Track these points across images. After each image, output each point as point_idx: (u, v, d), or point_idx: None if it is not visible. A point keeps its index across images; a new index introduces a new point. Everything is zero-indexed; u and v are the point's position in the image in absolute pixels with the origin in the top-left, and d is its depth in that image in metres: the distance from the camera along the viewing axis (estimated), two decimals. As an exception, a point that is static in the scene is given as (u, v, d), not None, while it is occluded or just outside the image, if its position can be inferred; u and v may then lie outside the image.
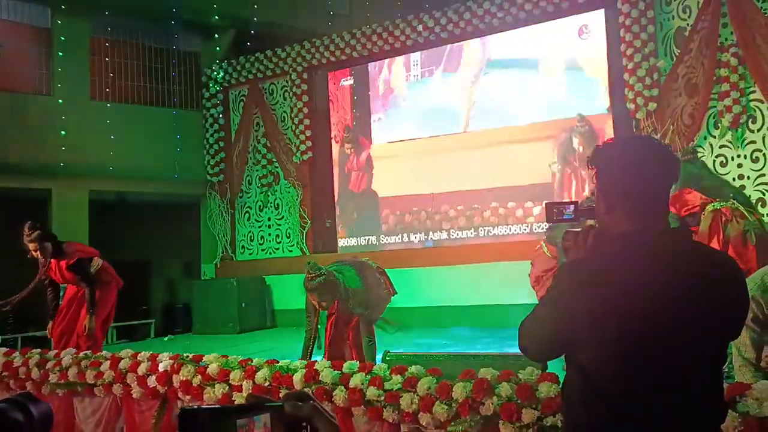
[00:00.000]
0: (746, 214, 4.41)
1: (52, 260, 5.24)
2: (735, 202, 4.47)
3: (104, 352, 4.01)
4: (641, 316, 1.43)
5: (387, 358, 3.15)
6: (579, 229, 1.72)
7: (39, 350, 4.28)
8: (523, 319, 1.64)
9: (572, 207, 1.84)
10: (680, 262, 1.49)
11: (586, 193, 7.39)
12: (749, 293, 1.86)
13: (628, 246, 1.52)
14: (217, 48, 10.79)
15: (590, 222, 1.77)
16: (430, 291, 8.31)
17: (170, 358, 3.61)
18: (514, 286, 7.84)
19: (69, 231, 9.37)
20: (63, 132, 9.16)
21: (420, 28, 8.93)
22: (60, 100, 9.30)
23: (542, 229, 8.09)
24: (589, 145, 7.74)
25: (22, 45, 9.19)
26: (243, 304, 9.27)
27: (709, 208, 4.45)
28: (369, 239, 9.42)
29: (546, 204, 1.87)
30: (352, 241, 9.62)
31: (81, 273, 5.22)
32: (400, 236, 9.17)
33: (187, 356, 3.60)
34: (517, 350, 1.73)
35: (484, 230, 8.57)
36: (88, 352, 4.18)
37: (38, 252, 5.16)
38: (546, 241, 5.06)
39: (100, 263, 5.40)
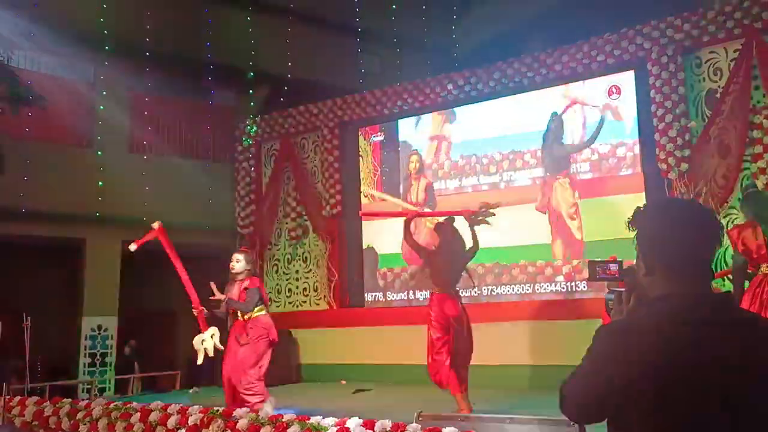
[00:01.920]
0: None
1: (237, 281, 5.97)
2: None
3: (134, 404, 4.02)
4: (679, 383, 1.41)
5: (420, 419, 3.10)
6: (622, 289, 1.72)
7: (69, 400, 4.31)
8: (565, 378, 1.62)
9: (615, 266, 1.84)
10: (721, 329, 1.46)
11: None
12: None
13: (668, 309, 1.50)
14: (252, 103, 11.08)
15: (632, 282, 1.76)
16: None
17: (200, 412, 3.61)
18: (543, 347, 7.72)
19: (101, 278, 9.56)
20: (100, 183, 9.40)
21: (450, 86, 9.09)
22: (99, 152, 9.59)
23: (576, 287, 8.03)
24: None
25: (65, 99, 9.54)
26: (269, 357, 9.19)
27: (763, 269, 4.19)
28: (398, 295, 9.38)
29: (589, 262, 1.88)
30: (380, 296, 9.59)
31: (250, 296, 5.85)
32: (428, 293, 9.10)
33: (217, 410, 3.60)
34: (552, 414, 1.70)
35: (513, 288, 8.49)
36: (119, 402, 4.19)
37: (237, 263, 6.02)
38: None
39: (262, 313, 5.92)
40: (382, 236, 9.56)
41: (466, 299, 8.71)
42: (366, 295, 9.73)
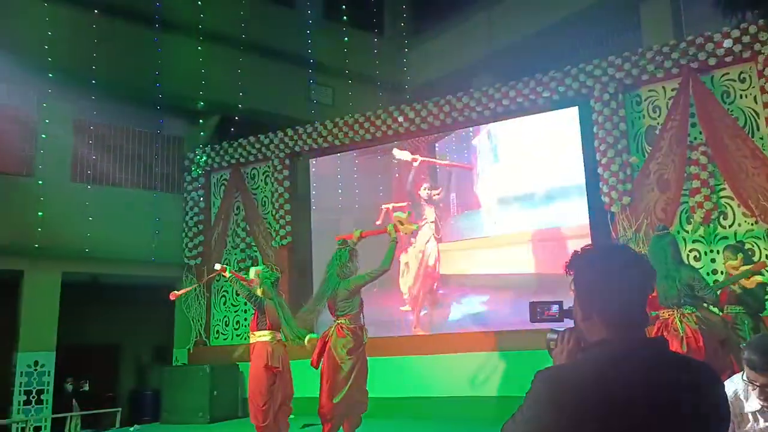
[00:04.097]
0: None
1: None
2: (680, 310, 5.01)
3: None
4: (613, 427, 1.41)
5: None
6: (563, 329, 1.72)
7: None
8: (506, 421, 1.62)
9: (556, 307, 1.84)
10: (656, 372, 1.48)
11: None
12: None
13: (603, 355, 1.52)
14: (201, 133, 10.95)
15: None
16: (409, 380, 8.15)
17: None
18: (494, 378, 7.75)
19: (39, 312, 9.19)
20: (40, 213, 9.09)
21: (401, 119, 9.18)
22: (40, 182, 9.28)
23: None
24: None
25: (6, 127, 9.25)
26: (215, 393, 8.96)
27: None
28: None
29: (530, 303, 1.87)
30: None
31: None
32: (377, 325, 9.04)
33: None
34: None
35: (467, 318, 8.52)
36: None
37: None
38: None
39: None
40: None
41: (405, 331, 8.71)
42: (315, 327, 9.59)
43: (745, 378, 2.60)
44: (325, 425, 5.74)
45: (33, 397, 9.06)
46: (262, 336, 6.08)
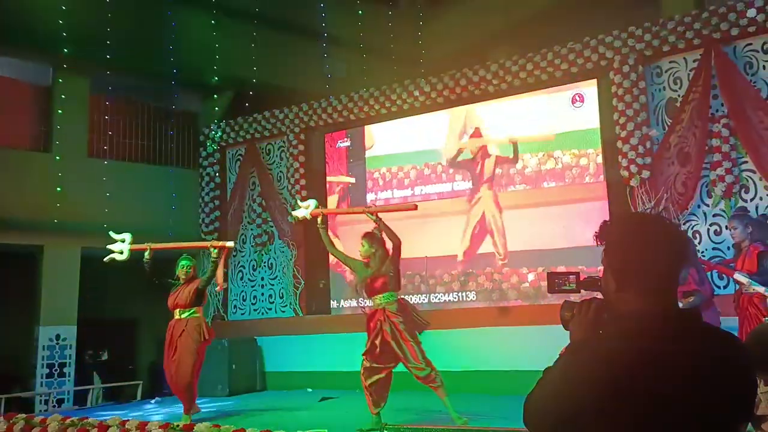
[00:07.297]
0: None
1: None
2: None
3: (90, 419, 3.90)
4: (650, 399, 1.40)
5: (385, 431, 3.06)
6: (579, 301, 1.70)
7: (24, 415, 4.16)
8: (529, 392, 1.60)
9: (573, 277, 1.83)
10: (689, 344, 1.47)
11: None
12: None
13: (638, 326, 1.50)
14: (216, 108, 10.93)
15: (594, 294, 1.75)
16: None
17: (160, 427, 3.52)
18: (509, 352, 7.76)
19: (59, 287, 9.31)
20: (58, 189, 9.16)
21: (417, 93, 9.09)
22: (57, 157, 9.34)
23: (542, 294, 8.08)
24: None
25: (22, 102, 9.29)
26: (233, 366, 9.07)
27: None
28: (363, 301, 9.32)
29: (548, 273, 1.87)
30: (346, 303, 9.54)
31: None
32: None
33: (178, 425, 3.51)
34: (519, 425, 1.68)
35: (479, 294, 8.51)
36: (75, 418, 4.06)
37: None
38: None
39: None
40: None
41: (427, 306, 8.73)
42: (332, 302, 9.66)
43: None
44: None
45: (55, 370, 9.23)
46: None
